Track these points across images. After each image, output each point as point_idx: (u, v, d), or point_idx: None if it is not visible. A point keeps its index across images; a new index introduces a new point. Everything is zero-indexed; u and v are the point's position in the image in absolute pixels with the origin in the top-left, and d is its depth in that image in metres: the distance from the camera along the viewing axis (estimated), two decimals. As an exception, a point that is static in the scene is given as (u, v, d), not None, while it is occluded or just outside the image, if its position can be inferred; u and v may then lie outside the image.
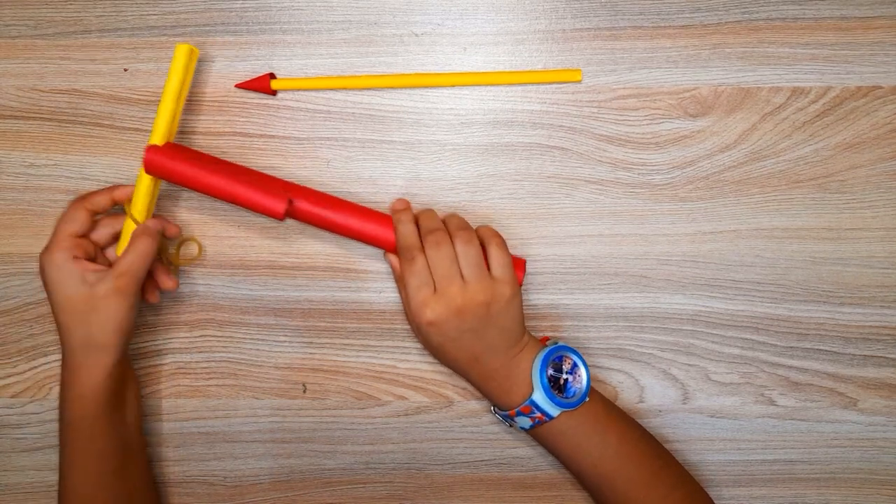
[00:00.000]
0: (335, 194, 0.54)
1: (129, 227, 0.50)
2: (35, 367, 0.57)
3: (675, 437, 0.56)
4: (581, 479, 0.52)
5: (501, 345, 0.50)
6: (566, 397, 0.49)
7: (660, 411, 0.56)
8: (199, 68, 0.54)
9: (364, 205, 0.52)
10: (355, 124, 0.54)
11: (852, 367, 0.55)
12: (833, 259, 0.54)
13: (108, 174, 0.55)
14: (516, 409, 0.50)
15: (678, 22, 0.53)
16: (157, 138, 0.49)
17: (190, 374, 0.56)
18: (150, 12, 0.54)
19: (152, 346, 0.56)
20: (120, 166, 0.55)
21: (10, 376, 0.57)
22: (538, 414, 0.49)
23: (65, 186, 0.55)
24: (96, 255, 0.50)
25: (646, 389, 0.56)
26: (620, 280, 0.55)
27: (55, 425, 0.57)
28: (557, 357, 0.50)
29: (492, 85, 0.54)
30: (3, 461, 0.57)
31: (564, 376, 0.50)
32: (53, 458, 0.57)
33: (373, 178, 0.55)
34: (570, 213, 0.54)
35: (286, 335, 0.56)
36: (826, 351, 0.55)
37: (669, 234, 0.54)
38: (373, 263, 0.55)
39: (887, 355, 0.55)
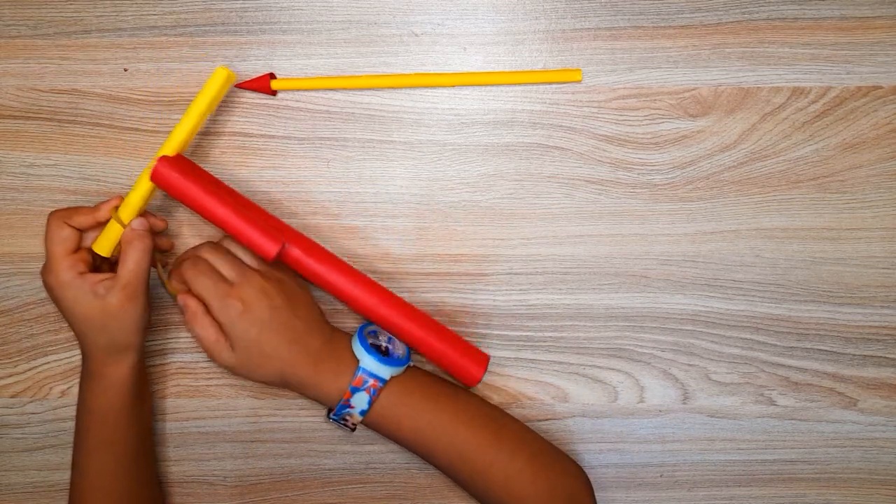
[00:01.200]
0: (335, 196, 0.54)
1: (112, 227, 0.49)
2: (35, 367, 0.57)
3: (675, 437, 0.56)
4: (433, 458, 0.50)
5: (315, 321, 0.51)
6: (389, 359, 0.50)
7: (660, 411, 0.56)
8: (198, 68, 0.54)
9: (353, 266, 0.52)
10: (355, 124, 0.54)
11: (852, 367, 0.55)
12: (833, 259, 0.54)
13: (107, 174, 0.55)
14: (350, 387, 0.49)
15: (678, 22, 0.53)
16: (170, 150, 0.49)
17: (190, 374, 0.56)
18: (150, 12, 0.54)
19: (153, 346, 0.56)
20: (120, 166, 0.55)
21: (10, 376, 0.57)
22: (371, 381, 0.48)
23: (65, 186, 0.55)
24: (94, 258, 0.50)
25: (646, 389, 0.56)
26: (620, 280, 0.55)
27: (55, 425, 0.57)
28: (371, 331, 0.52)
29: (492, 85, 0.54)
30: (3, 461, 0.57)
31: (384, 344, 0.51)
32: (53, 457, 0.57)
33: (373, 178, 0.55)
34: (570, 213, 0.54)
35: (286, 335, 0.56)
36: (826, 351, 0.55)
37: (669, 234, 0.54)
38: (374, 264, 0.55)
39: (887, 355, 0.55)
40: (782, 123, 0.53)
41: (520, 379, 0.56)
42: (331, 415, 0.50)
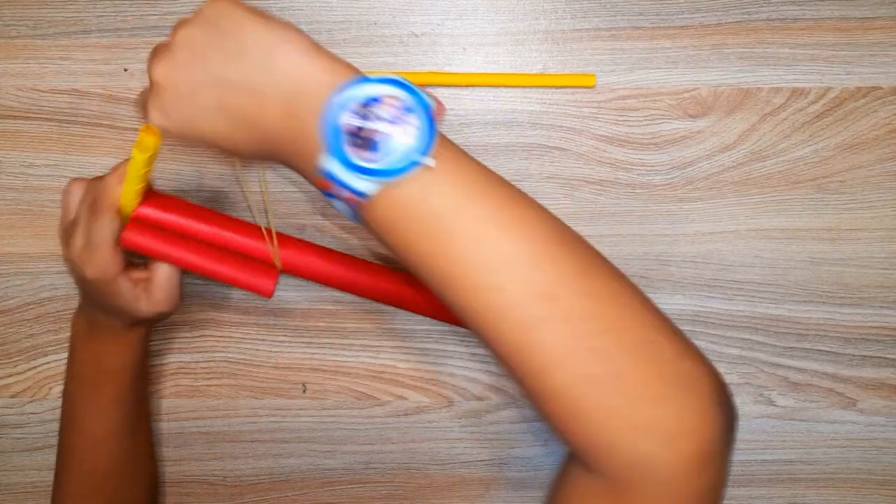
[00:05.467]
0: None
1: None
2: (35, 367, 0.57)
3: (674, 437, 0.56)
4: (452, 303, 0.34)
5: (265, 67, 0.34)
6: (373, 160, 0.32)
7: (659, 411, 0.56)
8: (198, 68, 0.54)
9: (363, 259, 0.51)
10: (355, 124, 0.54)
11: (852, 368, 0.55)
12: (833, 259, 0.54)
13: (108, 174, 0.55)
14: (323, 192, 0.35)
15: (678, 22, 0.53)
16: (126, 209, 0.46)
17: (190, 374, 0.56)
18: (150, 12, 0.54)
19: (153, 346, 0.56)
20: (120, 166, 0.55)
21: (10, 376, 0.57)
22: (346, 193, 0.33)
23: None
24: None
25: (645, 389, 0.55)
26: (620, 280, 0.55)
27: (55, 425, 0.57)
28: (369, 100, 0.33)
29: (506, 87, 0.53)
30: (3, 461, 0.57)
31: (372, 125, 0.32)
32: (53, 457, 0.57)
33: (373, 179, 0.54)
34: (570, 213, 0.54)
35: (286, 335, 0.56)
36: (825, 351, 0.55)
37: (669, 235, 0.54)
38: (373, 263, 0.55)
39: (886, 355, 0.55)
40: (782, 124, 0.53)
41: (519, 379, 0.56)
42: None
